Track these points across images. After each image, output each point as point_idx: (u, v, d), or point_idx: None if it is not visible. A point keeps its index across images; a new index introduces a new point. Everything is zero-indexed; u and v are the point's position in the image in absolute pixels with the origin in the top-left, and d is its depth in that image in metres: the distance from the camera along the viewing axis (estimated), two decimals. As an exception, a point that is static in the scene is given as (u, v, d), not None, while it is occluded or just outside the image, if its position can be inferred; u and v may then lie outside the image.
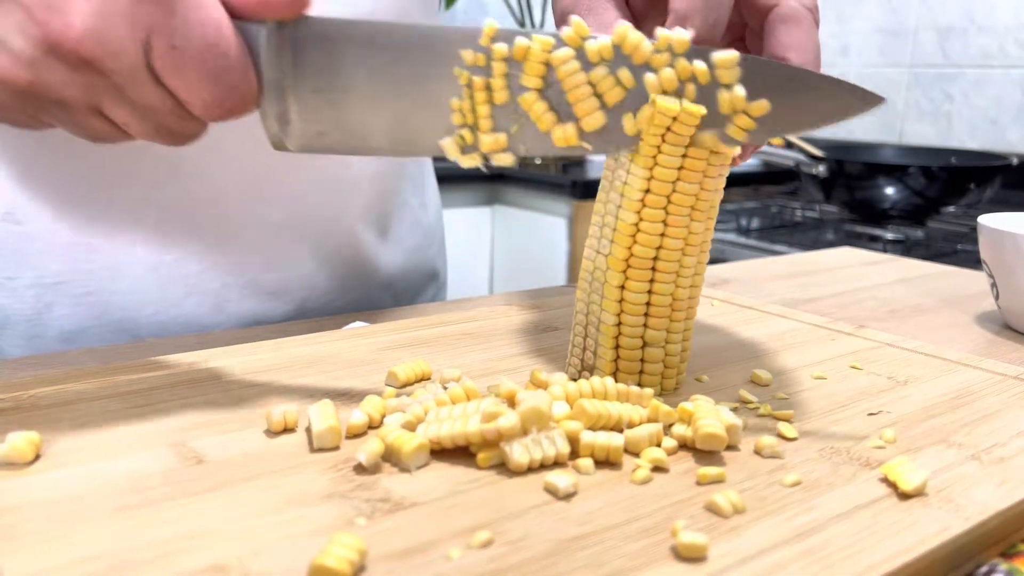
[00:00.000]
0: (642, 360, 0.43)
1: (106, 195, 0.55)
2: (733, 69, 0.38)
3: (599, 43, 0.39)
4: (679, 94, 0.39)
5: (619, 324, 0.43)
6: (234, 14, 0.37)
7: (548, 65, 0.39)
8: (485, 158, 0.40)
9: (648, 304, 0.42)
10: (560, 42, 0.39)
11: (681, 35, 0.38)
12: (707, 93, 0.39)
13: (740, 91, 0.38)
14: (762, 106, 0.38)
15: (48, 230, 0.54)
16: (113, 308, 0.57)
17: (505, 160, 0.40)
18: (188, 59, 0.35)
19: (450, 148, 0.40)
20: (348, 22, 0.38)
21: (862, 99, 0.39)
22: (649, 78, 0.39)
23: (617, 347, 0.43)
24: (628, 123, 0.40)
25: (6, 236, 0.54)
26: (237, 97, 0.37)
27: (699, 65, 0.38)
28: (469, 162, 0.40)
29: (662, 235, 0.41)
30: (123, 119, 0.37)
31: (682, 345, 0.44)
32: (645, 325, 0.43)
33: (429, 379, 0.45)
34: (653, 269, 0.42)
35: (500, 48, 0.38)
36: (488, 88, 0.39)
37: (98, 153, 0.54)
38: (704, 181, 0.40)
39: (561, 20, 0.46)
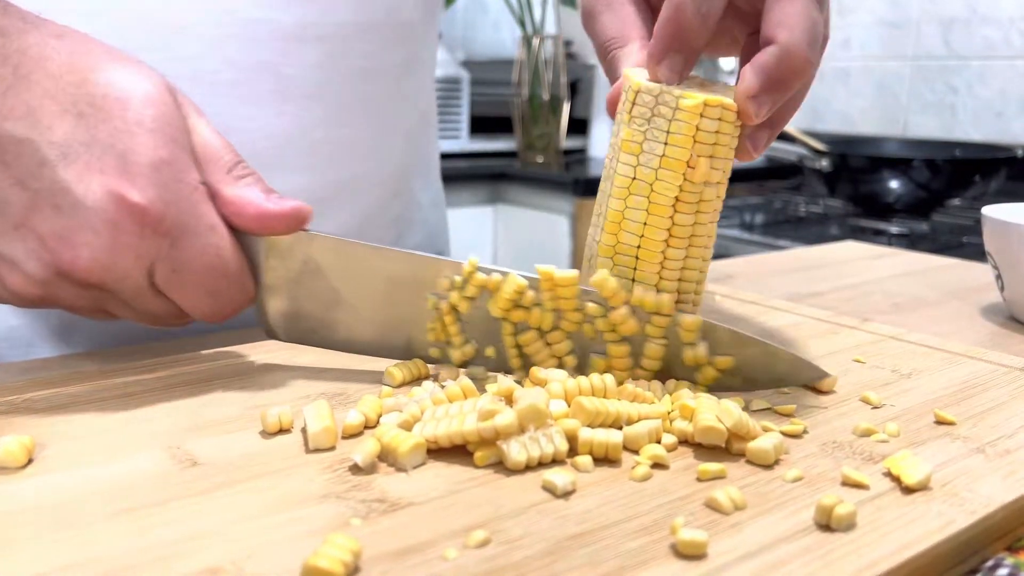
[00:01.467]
0: (636, 258, 0.43)
1: None
2: (695, 332, 0.42)
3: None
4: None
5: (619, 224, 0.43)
6: (236, 229, 0.41)
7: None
8: (459, 367, 0.44)
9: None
10: (533, 285, 0.42)
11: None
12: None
13: (702, 349, 0.42)
14: (726, 361, 0.42)
15: None
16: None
17: (478, 372, 0.44)
18: (189, 281, 0.40)
19: (427, 357, 0.45)
20: (342, 241, 0.42)
21: (808, 370, 0.43)
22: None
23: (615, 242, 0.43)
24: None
25: None
26: (234, 307, 0.42)
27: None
28: (448, 375, 0.44)
29: (644, 223, 0.41)
30: (126, 317, 0.41)
31: (687, 253, 0.43)
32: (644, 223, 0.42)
33: (427, 378, 0.44)
34: (636, 258, 0.42)
35: (478, 278, 0.42)
36: (455, 311, 0.43)
37: None
38: (689, 172, 0.40)
39: (585, 18, 0.46)
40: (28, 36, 0.37)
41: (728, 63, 2.08)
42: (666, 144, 0.40)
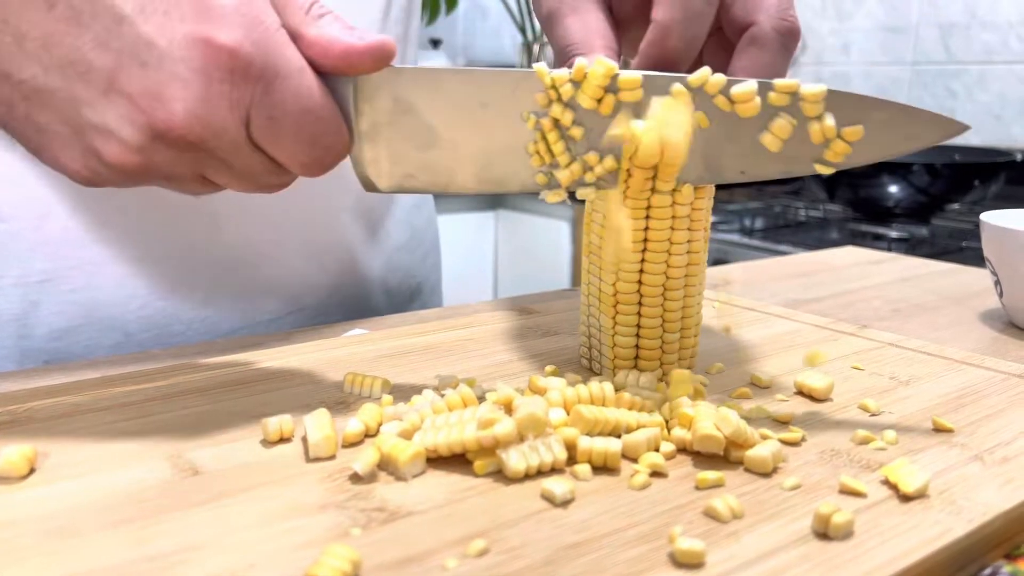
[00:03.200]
0: (637, 347, 0.45)
1: (90, 192, 0.55)
2: (820, 103, 0.39)
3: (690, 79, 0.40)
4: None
5: (615, 320, 0.44)
6: (323, 72, 0.39)
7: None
8: (570, 193, 0.42)
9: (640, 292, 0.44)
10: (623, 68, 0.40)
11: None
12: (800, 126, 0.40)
13: (830, 121, 0.39)
14: (856, 131, 0.39)
15: (33, 227, 0.54)
16: (100, 305, 0.56)
17: (588, 194, 0.42)
18: (286, 128, 0.38)
19: (534, 185, 0.42)
20: (429, 71, 0.41)
21: (946, 126, 0.40)
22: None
23: (614, 344, 0.45)
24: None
25: None
26: (332, 154, 0.40)
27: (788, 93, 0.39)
28: (555, 198, 0.42)
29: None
30: (225, 182, 0.40)
31: (680, 334, 0.45)
32: (639, 314, 0.44)
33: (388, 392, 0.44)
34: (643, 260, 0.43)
35: (561, 77, 0.40)
36: (559, 126, 0.41)
37: None
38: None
39: (546, 20, 0.46)
40: None
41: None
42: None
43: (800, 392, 0.44)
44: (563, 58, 0.44)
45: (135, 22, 0.35)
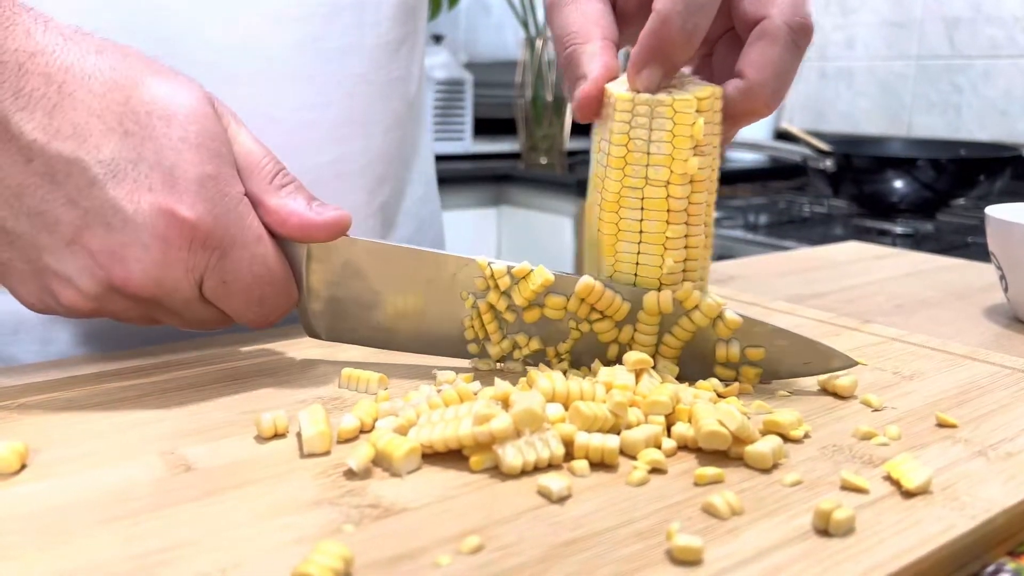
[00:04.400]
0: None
1: None
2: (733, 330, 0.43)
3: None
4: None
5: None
6: (279, 238, 0.42)
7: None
8: (496, 363, 0.46)
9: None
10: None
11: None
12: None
13: (735, 347, 0.43)
14: (758, 353, 0.44)
15: None
16: None
17: (516, 367, 0.46)
18: (237, 290, 0.41)
19: (466, 355, 0.46)
20: (381, 245, 0.44)
21: (834, 360, 0.44)
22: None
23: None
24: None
25: None
26: (279, 313, 0.43)
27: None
28: (484, 366, 0.46)
29: (641, 220, 0.42)
30: (173, 325, 0.43)
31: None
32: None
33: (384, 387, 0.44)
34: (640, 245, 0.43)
35: (500, 271, 0.43)
36: (493, 309, 0.44)
37: None
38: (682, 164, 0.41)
39: (549, 9, 0.46)
40: (70, 53, 0.38)
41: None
42: (672, 144, 0.41)
43: (824, 389, 0.44)
44: (561, 47, 0.44)
45: (105, 186, 0.37)
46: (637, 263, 0.43)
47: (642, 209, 0.42)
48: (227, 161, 0.40)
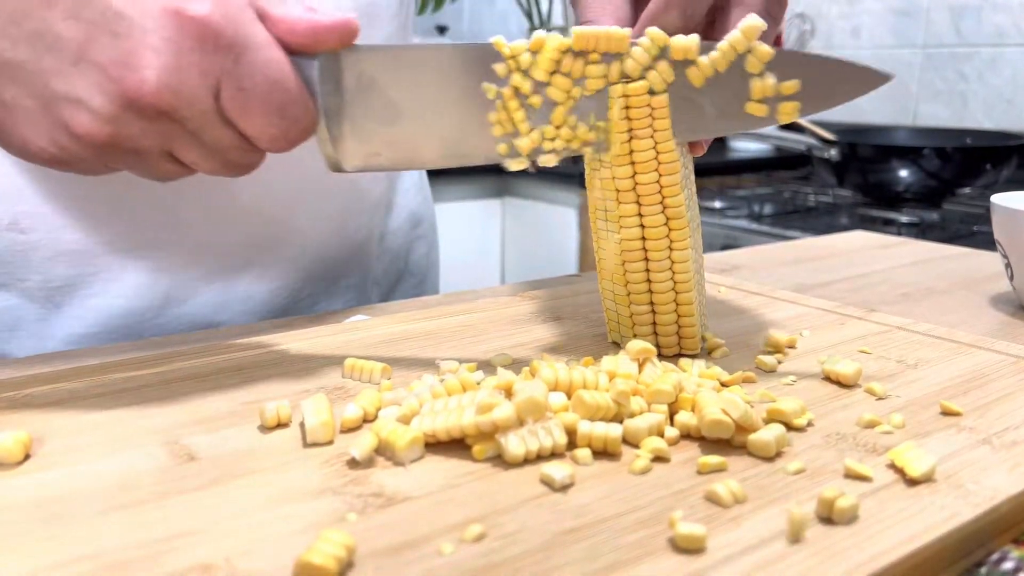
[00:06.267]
0: (632, 318, 0.47)
1: (106, 205, 0.55)
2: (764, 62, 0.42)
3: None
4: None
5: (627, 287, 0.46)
6: (289, 50, 0.39)
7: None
8: (531, 160, 0.43)
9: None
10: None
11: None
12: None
13: (770, 78, 0.42)
14: (793, 85, 0.42)
15: (52, 239, 0.54)
16: (116, 314, 0.57)
17: (550, 161, 0.43)
18: (255, 99, 0.38)
19: (497, 156, 0.43)
20: (391, 48, 0.41)
21: (872, 77, 0.44)
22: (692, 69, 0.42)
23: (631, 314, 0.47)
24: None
25: (12, 244, 0.54)
26: (299, 128, 0.40)
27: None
28: (517, 165, 0.43)
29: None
30: (193, 159, 0.39)
31: (677, 301, 0.46)
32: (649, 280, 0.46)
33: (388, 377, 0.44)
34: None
35: (518, 47, 0.41)
36: (519, 95, 0.42)
37: None
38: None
39: None
40: None
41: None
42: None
43: (827, 378, 0.44)
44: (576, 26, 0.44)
45: None
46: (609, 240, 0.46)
47: (601, 189, 0.45)
48: None
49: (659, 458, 0.35)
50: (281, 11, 0.39)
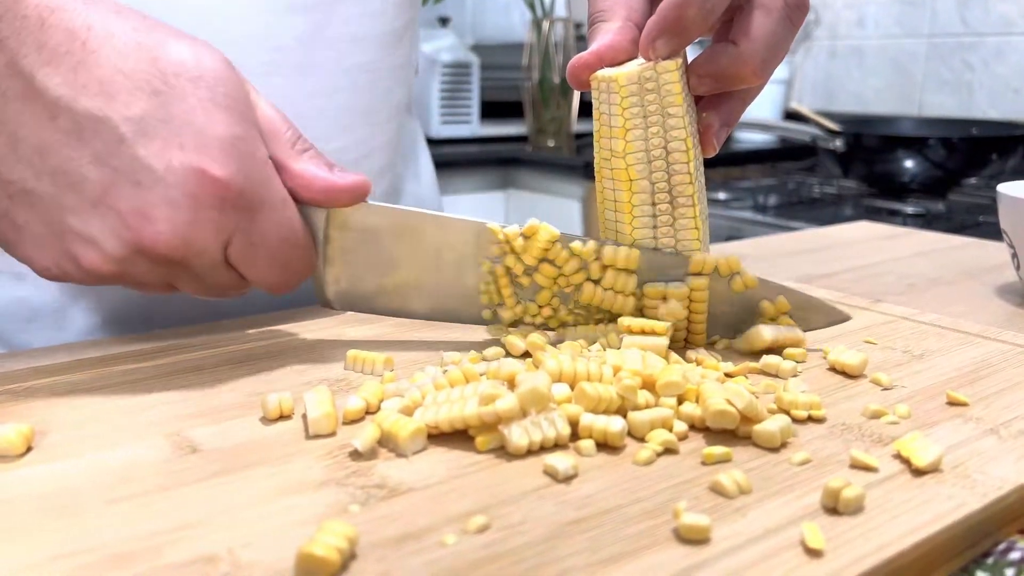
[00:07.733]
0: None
1: None
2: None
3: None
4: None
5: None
6: (301, 202, 0.42)
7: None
8: (510, 326, 0.46)
9: None
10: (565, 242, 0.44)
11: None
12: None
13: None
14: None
15: None
16: (129, 304, 0.56)
17: (527, 329, 0.46)
18: (263, 253, 0.40)
19: (480, 320, 0.46)
20: (399, 210, 0.44)
21: (834, 315, 0.48)
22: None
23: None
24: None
25: None
26: (300, 278, 0.43)
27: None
28: (496, 333, 0.46)
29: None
30: (190, 291, 0.42)
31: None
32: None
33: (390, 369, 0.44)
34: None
35: (512, 233, 0.44)
36: (510, 273, 0.45)
37: None
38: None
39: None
40: (90, 12, 0.37)
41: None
42: (667, 112, 0.43)
43: (833, 369, 0.43)
44: (591, 23, 0.45)
45: (135, 144, 0.36)
46: (616, 231, 0.46)
47: (612, 180, 0.44)
48: (252, 123, 0.39)
49: (668, 450, 0.34)
50: (300, 167, 0.41)
